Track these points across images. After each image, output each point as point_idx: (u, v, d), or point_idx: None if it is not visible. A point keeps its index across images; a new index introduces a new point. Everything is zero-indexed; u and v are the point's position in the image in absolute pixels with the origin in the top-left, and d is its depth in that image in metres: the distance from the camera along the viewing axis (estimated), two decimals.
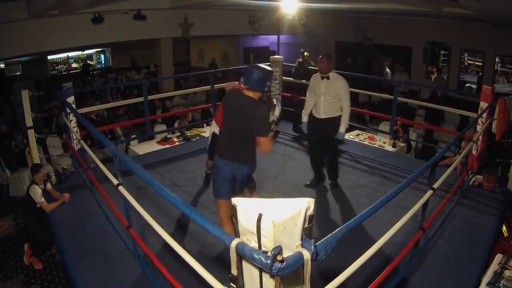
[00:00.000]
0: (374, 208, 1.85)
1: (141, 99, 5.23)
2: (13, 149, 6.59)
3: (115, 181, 2.58)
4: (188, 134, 6.23)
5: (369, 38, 11.06)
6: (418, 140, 6.75)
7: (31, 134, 4.02)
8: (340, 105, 3.83)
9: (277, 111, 2.94)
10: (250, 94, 2.62)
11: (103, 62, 14.10)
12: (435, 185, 2.59)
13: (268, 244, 1.28)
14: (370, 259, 1.79)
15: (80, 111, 4.60)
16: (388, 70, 10.59)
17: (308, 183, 4.21)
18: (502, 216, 3.57)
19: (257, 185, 4.22)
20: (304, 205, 1.38)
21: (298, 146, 5.45)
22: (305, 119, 4.08)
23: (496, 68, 8.93)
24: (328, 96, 3.81)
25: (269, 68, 2.66)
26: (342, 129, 3.85)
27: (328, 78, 3.82)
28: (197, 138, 6.03)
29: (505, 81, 8.87)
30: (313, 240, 1.39)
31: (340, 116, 3.85)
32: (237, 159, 2.69)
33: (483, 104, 4.10)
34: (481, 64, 9.27)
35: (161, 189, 1.87)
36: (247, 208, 1.37)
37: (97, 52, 13.75)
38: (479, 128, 4.03)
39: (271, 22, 7.77)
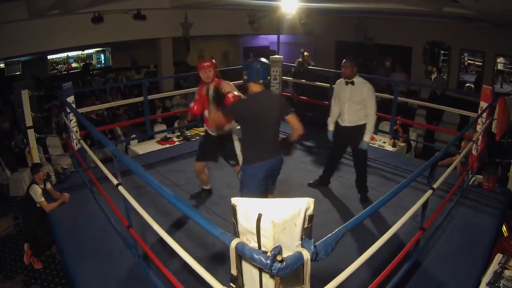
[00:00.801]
0: (374, 208, 1.85)
1: (141, 98, 5.23)
2: (13, 148, 6.59)
3: (115, 181, 2.58)
4: (188, 134, 6.23)
5: (369, 38, 11.05)
6: (418, 140, 6.74)
7: (31, 133, 4.02)
8: (365, 112, 3.63)
9: None
10: (260, 87, 2.70)
11: (103, 62, 14.09)
12: (435, 185, 2.59)
13: (268, 244, 1.28)
14: (370, 259, 1.79)
15: (80, 110, 4.60)
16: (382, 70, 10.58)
17: (311, 182, 4.20)
18: (502, 216, 3.57)
19: None
20: (304, 205, 1.38)
21: (298, 146, 5.44)
22: (331, 127, 3.89)
23: (496, 68, 8.93)
24: (353, 103, 3.62)
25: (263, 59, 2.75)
26: (366, 138, 3.64)
27: (352, 83, 3.62)
28: (197, 138, 6.03)
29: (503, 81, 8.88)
30: (313, 240, 1.39)
31: (365, 124, 3.65)
32: (274, 153, 2.81)
33: (483, 104, 4.10)
34: (480, 64, 9.27)
35: (161, 189, 1.87)
36: (246, 208, 1.37)
37: (97, 52, 13.73)
38: (479, 128, 4.03)
39: (271, 21, 7.77)
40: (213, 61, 3.58)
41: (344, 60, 3.65)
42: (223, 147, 3.60)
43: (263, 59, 2.71)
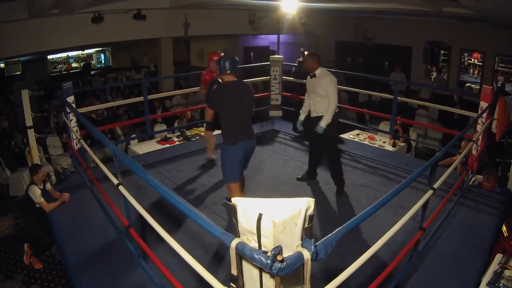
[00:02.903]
0: (374, 208, 1.85)
1: (141, 98, 5.24)
2: (13, 148, 6.59)
3: (115, 181, 2.58)
4: (188, 134, 6.24)
5: (369, 38, 11.06)
6: (418, 140, 6.75)
7: (31, 133, 4.02)
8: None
9: None
10: (231, 77, 3.12)
11: (103, 62, 14.10)
12: (435, 185, 2.58)
13: (268, 244, 1.28)
14: (370, 259, 1.79)
15: (80, 110, 4.60)
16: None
17: (299, 176, 4.31)
18: (502, 216, 3.57)
19: (257, 185, 4.24)
20: (304, 205, 1.38)
21: (298, 146, 5.45)
22: (301, 117, 4.15)
23: (496, 67, 8.94)
24: (315, 94, 3.84)
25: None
26: (322, 122, 3.75)
27: (314, 75, 3.87)
28: (197, 137, 6.03)
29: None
30: (313, 240, 1.39)
31: None
32: (248, 136, 3.18)
33: (483, 104, 4.10)
34: (479, 63, 9.29)
35: (161, 189, 1.87)
36: (247, 208, 1.37)
37: (97, 51, 13.74)
38: (479, 128, 4.03)
39: (271, 21, 7.77)
40: (222, 54, 3.91)
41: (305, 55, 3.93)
42: None
43: (231, 55, 3.21)
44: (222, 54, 3.96)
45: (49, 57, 12.44)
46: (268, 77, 6.10)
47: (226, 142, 3.13)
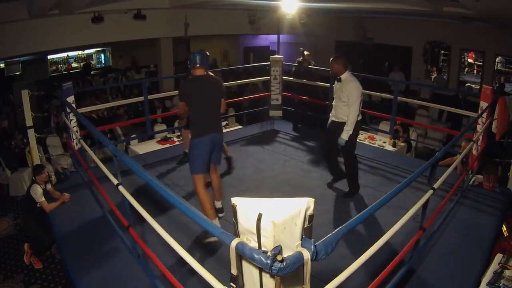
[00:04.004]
0: (374, 208, 1.85)
1: (141, 98, 5.23)
2: (13, 148, 6.59)
3: (115, 181, 2.58)
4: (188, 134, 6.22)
5: (369, 38, 11.06)
6: (418, 139, 6.74)
7: (31, 133, 4.02)
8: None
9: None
10: (201, 72, 3.19)
11: (103, 62, 14.09)
12: (435, 185, 2.58)
13: (268, 244, 1.28)
14: (370, 259, 1.79)
15: (80, 110, 4.60)
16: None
17: (329, 182, 4.20)
18: (502, 216, 3.57)
19: (257, 185, 4.24)
20: (304, 205, 1.38)
21: (298, 146, 5.45)
22: (330, 119, 3.96)
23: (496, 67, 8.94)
24: (338, 99, 3.69)
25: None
26: (343, 135, 3.63)
27: (340, 80, 3.69)
28: None
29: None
30: (313, 240, 1.39)
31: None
32: (215, 129, 3.22)
33: (483, 104, 4.10)
34: (478, 63, 9.30)
35: (160, 189, 1.87)
36: (246, 208, 1.37)
37: (97, 52, 13.73)
38: (479, 128, 4.03)
39: (271, 21, 7.78)
40: None
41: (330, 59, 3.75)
42: None
43: (201, 51, 3.27)
44: None
45: (49, 57, 12.42)
46: (268, 77, 6.10)
47: (193, 135, 3.20)
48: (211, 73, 3.42)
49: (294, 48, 9.87)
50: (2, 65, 10.76)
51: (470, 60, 9.59)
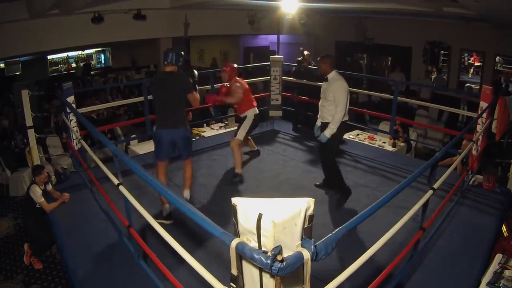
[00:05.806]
0: (374, 208, 1.85)
1: (141, 98, 5.23)
2: (13, 148, 6.59)
3: (116, 181, 2.58)
4: None
5: (369, 38, 11.06)
6: (418, 140, 6.74)
7: (31, 133, 4.02)
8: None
9: (195, 74, 3.71)
10: (170, 68, 3.35)
11: (103, 62, 14.10)
12: (435, 185, 2.58)
13: (268, 244, 1.28)
14: (370, 259, 1.79)
15: (80, 110, 4.60)
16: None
17: (317, 183, 4.15)
18: (502, 216, 3.57)
19: (257, 185, 4.24)
20: (304, 205, 1.38)
21: (298, 146, 5.45)
22: (318, 122, 3.84)
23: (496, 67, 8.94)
24: (324, 99, 3.63)
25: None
26: (326, 132, 3.53)
27: (327, 79, 3.63)
28: (197, 138, 6.02)
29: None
30: (313, 240, 1.39)
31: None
32: (175, 124, 3.37)
33: (483, 104, 4.10)
34: (476, 63, 9.31)
35: (161, 189, 1.87)
36: (247, 208, 1.37)
37: (97, 52, 13.74)
38: (479, 128, 4.03)
39: (271, 21, 7.77)
40: (231, 65, 4.32)
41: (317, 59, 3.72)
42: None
43: (177, 51, 3.46)
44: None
45: (49, 57, 12.43)
46: (268, 77, 6.10)
47: (156, 125, 3.47)
48: (181, 71, 3.52)
49: (294, 48, 9.87)
50: (2, 65, 10.76)
51: (472, 62, 9.57)
